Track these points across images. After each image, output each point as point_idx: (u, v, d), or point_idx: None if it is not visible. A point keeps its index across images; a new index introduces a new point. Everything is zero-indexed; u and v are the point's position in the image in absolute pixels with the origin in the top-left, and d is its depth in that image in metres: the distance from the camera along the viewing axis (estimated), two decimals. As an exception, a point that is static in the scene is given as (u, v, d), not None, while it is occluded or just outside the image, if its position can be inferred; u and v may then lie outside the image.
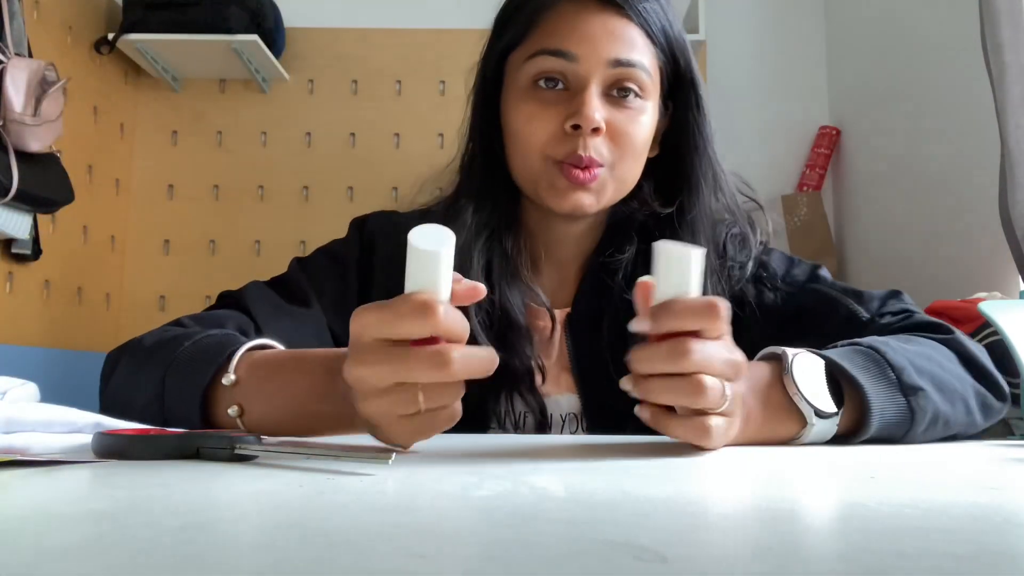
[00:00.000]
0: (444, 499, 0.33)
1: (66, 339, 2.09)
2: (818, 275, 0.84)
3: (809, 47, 2.54)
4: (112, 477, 0.38)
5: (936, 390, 0.63)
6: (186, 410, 0.58)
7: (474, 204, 0.79)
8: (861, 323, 0.76)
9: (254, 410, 0.57)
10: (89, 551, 0.23)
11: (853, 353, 0.63)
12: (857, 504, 0.33)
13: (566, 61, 0.73)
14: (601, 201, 0.77)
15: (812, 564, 0.22)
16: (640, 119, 0.76)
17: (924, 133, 2.03)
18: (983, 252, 1.75)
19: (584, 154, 0.73)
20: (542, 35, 0.75)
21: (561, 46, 0.73)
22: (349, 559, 0.22)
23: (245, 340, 0.61)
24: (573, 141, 0.73)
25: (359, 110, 2.50)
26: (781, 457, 0.52)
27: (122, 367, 0.68)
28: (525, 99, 0.75)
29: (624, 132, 0.75)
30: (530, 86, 0.75)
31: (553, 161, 0.75)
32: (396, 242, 0.75)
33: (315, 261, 0.83)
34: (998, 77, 1.57)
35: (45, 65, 1.72)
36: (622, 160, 0.76)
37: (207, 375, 0.58)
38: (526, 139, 0.75)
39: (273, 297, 0.77)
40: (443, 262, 0.47)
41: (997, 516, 0.31)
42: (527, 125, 0.75)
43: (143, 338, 0.69)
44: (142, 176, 2.46)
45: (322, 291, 0.79)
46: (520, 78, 0.76)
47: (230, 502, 0.32)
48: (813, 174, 2.44)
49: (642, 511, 0.31)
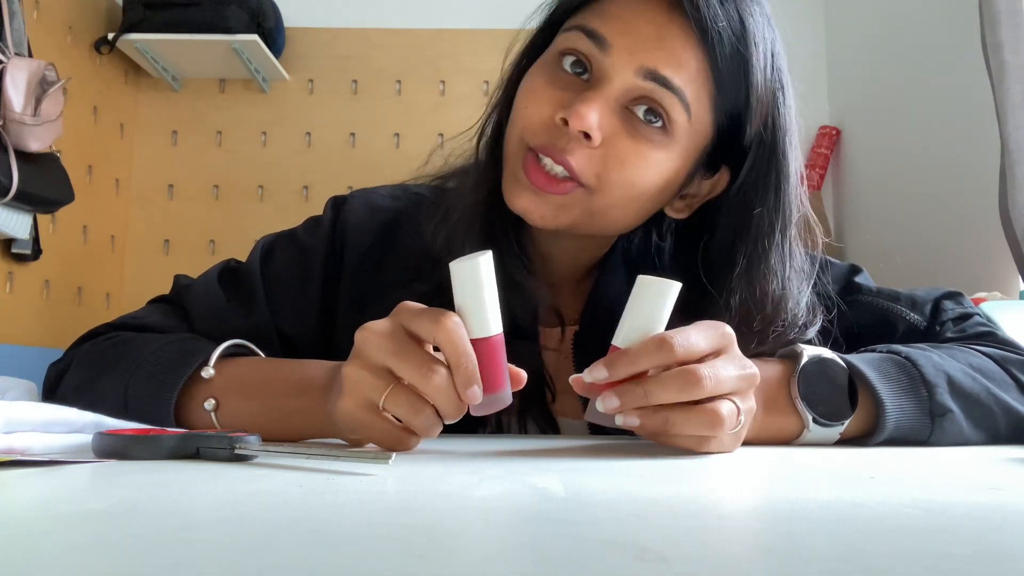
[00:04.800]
0: (444, 499, 0.33)
1: (66, 339, 2.07)
2: (861, 285, 0.76)
3: (809, 47, 2.54)
4: (112, 477, 0.38)
5: (967, 413, 0.62)
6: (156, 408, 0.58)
7: (474, 182, 0.69)
8: (921, 333, 0.72)
9: (230, 403, 0.58)
10: (89, 551, 0.23)
11: (884, 362, 0.61)
12: (857, 504, 0.33)
13: (595, 46, 0.60)
14: (560, 219, 0.62)
15: (812, 564, 0.22)
16: (652, 156, 0.60)
17: (924, 133, 2.02)
18: (983, 252, 1.75)
19: (560, 155, 0.59)
20: (593, 10, 0.62)
21: (600, 29, 0.60)
22: (349, 559, 0.22)
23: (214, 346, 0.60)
24: (556, 134, 0.60)
25: (359, 110, 2.50)
26: (781, 457, 0.52)
27: (74, 375, 0.66)
28: (539, 71, 0.64)
29: (623, 161, 0.60)
30: (554, 60, 0.63)
31: (527, 148, 0.62)
32: (372, 236, 0.74)
33: (280, 256, 0.74)
34: (998, 77, 1.57)
35: (45, 65, 1.72)
36: (608, 190, 0.61)
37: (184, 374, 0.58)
38: (516, 115, 0.63)
39: (217, 297, 0.71)
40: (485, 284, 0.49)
41: (997, 516, 0.31)
42: (523, 100, 0.63)
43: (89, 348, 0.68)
44: (142, 176, 2.46)
45: (277, 295, 0.72)
46: (551, 49, 0.64)
47: (230, 502, 0.32)
48: (813, 174, 2.44)
49: (642, 511, 0.31)
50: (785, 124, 0.63)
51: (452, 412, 0.48)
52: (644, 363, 0.48)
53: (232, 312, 0.70)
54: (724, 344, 0.51)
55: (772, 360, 0.61)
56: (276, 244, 0.75)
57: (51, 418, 0.49)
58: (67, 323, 2.11)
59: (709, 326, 0.51)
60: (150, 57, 2.30)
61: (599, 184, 0.60)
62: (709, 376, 0.47)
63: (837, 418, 0.59)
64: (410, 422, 0.48)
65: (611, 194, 0.61)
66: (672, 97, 0.59)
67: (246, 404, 0.58)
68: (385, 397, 0.47)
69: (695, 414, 0.48)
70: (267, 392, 0.58)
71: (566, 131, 0.59)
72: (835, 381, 0.59)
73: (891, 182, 2.18)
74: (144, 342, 0.64)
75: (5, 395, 1.20)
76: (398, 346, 0.48)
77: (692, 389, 0.47)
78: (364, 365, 0.48)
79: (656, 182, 0.62)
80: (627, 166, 0.60)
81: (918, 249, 2.02)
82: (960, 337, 0.71)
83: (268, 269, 0.73)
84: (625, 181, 0.60)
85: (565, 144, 0.59)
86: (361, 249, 0.74)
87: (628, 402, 0.48)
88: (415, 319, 0.48)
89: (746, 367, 0.51)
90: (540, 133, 0.61)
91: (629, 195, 0.61)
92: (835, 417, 0.59)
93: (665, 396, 0.48)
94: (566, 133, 0.59)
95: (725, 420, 0.48)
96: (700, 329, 0.50)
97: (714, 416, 0.48)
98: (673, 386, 0.48)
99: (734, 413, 0.49)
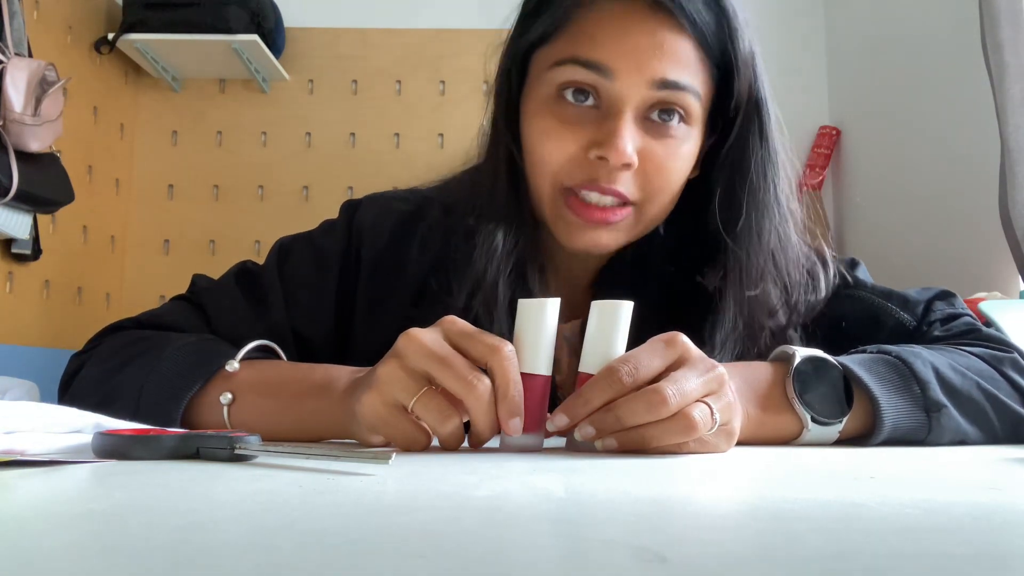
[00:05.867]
0: (444, 499, 0.33)
1: (66, 339, 2.09)
2: (857, 278, 0.76)
3: (809, 47, 2.54)
4: (112, 477, 0.38)
5: (960, 409, 0.62)
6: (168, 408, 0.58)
7: (503, 229, 0.68)
8: (908, 333, 0.72)
9: (246, 399, 0.58)
10: (89, 551, 0.23)
11: (876, 362, 0.62)
12: (857, 504, 0.33)
13: (600, 76, 0.61)
14: (621, 240, 0.67)
15: (812, 564, 0.22)
16: (681, 150, 0.64)
17: (924, 133, 2.03)
18: (983, 252, 1.75)
19: (609, 185, 0.62)
20: (576, 37, 0.63)
21: (597, 57, 0.61)
22: (349, 559, 0.22)
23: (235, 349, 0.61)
24: (593, 169, 0.62)
25: (359, 110, 2.50)
26: (781, 457, 0.52)
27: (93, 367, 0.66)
28: (544, 111, 0.64)
29: (661, 167, 0.63)
30: (554, 96, 0.64)
31: (563, 189, 0.64)
32: (388, 236, 0.75)
33: (297, 257, 0.74)
34: (998, 77, 1.57)
35: (45, 65, 1.72)
36: (655, 198, 0.65)
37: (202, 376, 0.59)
38: (539, 159, 0.65)
39: (235, 298, 0.72)
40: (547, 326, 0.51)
41: (997, 516, 0.31)
42: (541, 143, 0.64)
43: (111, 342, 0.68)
44: (142, 176, 2.46)
45: (294, 297, 0.72)
46: (544, 84, 0.65)
47: (230, 502, 0.32)
48: (813, 174, 2.44)
49: (642, 511, 0.31)
50: (759, 75, 0.67)
51: (486, 429, 0.49)
52: (598, 400, 0.49)
53: (249, 312, 0.71)
54: (679, 354, 0.51)
55: (763, 364, 0.62)
56: (293, 246, 0.76)
57: (51, 418, 0.49)
58: (67, 323, 2.11)
59: (658, 341, 0.51)
60: (150, 57, 2.30)
61: (646, 196, 0.65)
62: (673, 393, 0.48)
63: (835, 416, 0.59)
64: (436, 428, 0.49)
65: (658, 199, 0.65)
66: (684, 94, 0.63)
67: (262, 402, 0.58)
68: (416, 399, 0.48)
69: (669, 424, 0.48)
70: (285, 392, 0.58)
71: (604, 164, 0.62)
72: (830, 380, 0.60)
73: (891, 182, 2.18)
74: (165, 340, 0.64)
75: (5, 395, 1.20)
76: (444, 354, 0.48)
77: (659, 409, 0.47)
78: (402, 367, 0.49)
79: (687, 167, 0.67)
80: (664, 169, 0.64)
81: (918, 249, 2.02)
82: (946, 336, 0.72)
83: (285, 270, 0.73)
84: (667, 183, 0.65)
85: (607, 176, 0.62)
86: (378, 249, 0.74)
87: (603, 429, 0.49)
88: (470, 338, 0.49)
89: (709, 369, 0.50)
90: (575, 172, 0.63)
91: (671, 191, 0.66)
92: (832, 415, 0.59)
93: (636, 419, 0.48)
94: (605, 166, 0.62)
95: (699, 424, 0.48)
96: (649, 348, 0.50)
97: (687, 422, 0.48)
98: (641, 408, 0.48)
99: (707, 414, 0.49)
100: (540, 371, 0.51)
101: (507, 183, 0.70)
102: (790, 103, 2.81)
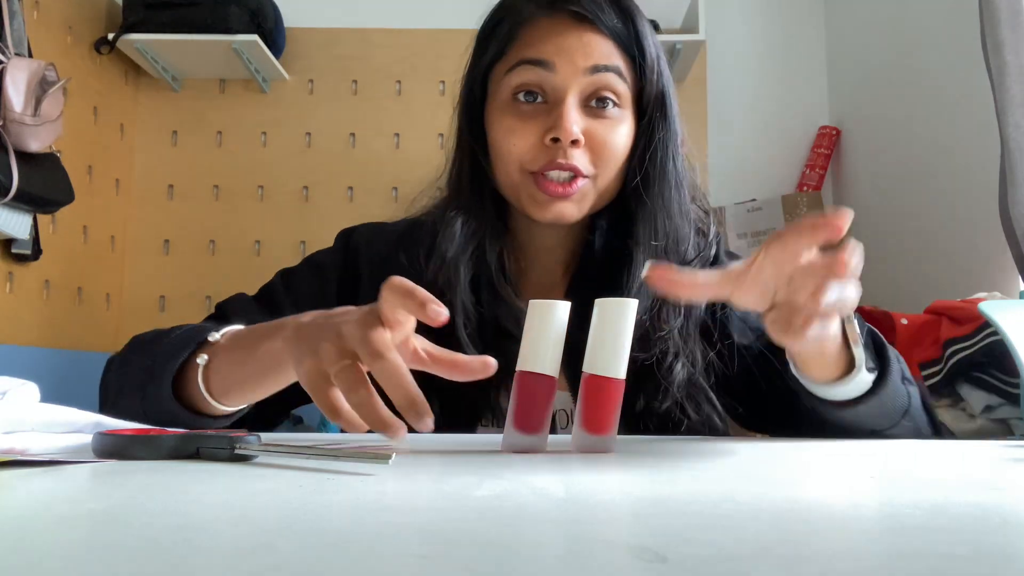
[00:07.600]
0: (444, 499, 0.33)
1: (66, 339, 2.09)
2: None
3: (809, 47, 2.55)
4: (112, 477, 0.38)
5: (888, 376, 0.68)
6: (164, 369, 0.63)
7: (462, 216, 0.81)
8: None
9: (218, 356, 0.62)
10: (89, 551, 0.23)
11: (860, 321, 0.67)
12: (857, 504, 0.33)
13: (544, 70, 0.76)
14: (583, 209, 0.79)
15: (812, 564, 0.22)
16: (619, 128, 0.78)
17: (924, 133, 2.03)
18: (983, 252, 1.75)
19: (565, 161, 0.75)
20: (521, 47, 0.79)
21: (540, 56, 0.77)
22: (349, 559, 0.22)
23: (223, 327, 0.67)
24: (552, 152, 0.75)
25: (359, 110, 2.50)
26: (781, 457, 0.52)
27: (118, 359, 0.74)
28: (505, 113, 0.78)
29: (604, 142, 0.77)
30: (510, 100, 0.78)
31: (530, 173, 0.77)
32: (382, 252, 0.83)
33: (298, 272, 0.86)
34: (998, 77, 1.57)
35: (45, 65, 1.72)
36: (603, 170, 0.78)
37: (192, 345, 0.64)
38: (506, 152, 0.78)
39: (252, 307, 0.81)
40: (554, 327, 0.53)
41: (997, 516, 0.31)
42: (506, 139, 0.77)
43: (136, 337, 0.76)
44: (142, 176, 2.46)
45: (300, 303, 0.78)
46: (501, 91, 0.79)
47: (230, 502, 0.32)
48: (813, 174, 2.44)
49: (642, 511, 0.31)
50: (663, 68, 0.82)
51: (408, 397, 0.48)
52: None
53: (260, 313, 0.78)
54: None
55: None
56: (293, 269, 0.87)
57: (51, 418, 0.49)
58: (67, 323, 2.11)
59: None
60: (150, 57, 2.30)
61: (596, 168, 0.78)
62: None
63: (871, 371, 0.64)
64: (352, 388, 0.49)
65: (606, 171, 0.78)
66: (613, 77, 0.77)
67: (230, 355, 0.62)
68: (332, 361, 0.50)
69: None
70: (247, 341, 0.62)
71: (559, 146, 0.75)
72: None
73: (891, 182, 2.18)
74: (176, 327, 0.71)
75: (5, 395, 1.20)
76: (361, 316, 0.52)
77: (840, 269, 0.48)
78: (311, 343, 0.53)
79: (626, 142, 0.79)
80: (608, 144, 0.77)
81: (918, 249, 2.02)
82: None
83: (289, 284, 0.84)
84: (612, 155, 0.78)
85: (563, 154, 0.75)
86: (375, 259, 0.83)
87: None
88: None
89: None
90: (538, 158, 0.77)
91: (616, 164, 0.79)
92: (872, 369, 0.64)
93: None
94: (560, 147, 0.75)
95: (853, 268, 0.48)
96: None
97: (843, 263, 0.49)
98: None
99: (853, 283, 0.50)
100: (546, 371, 0.52)
101: (470, 179, 0.82)
102: (790, 103, 2.81)
